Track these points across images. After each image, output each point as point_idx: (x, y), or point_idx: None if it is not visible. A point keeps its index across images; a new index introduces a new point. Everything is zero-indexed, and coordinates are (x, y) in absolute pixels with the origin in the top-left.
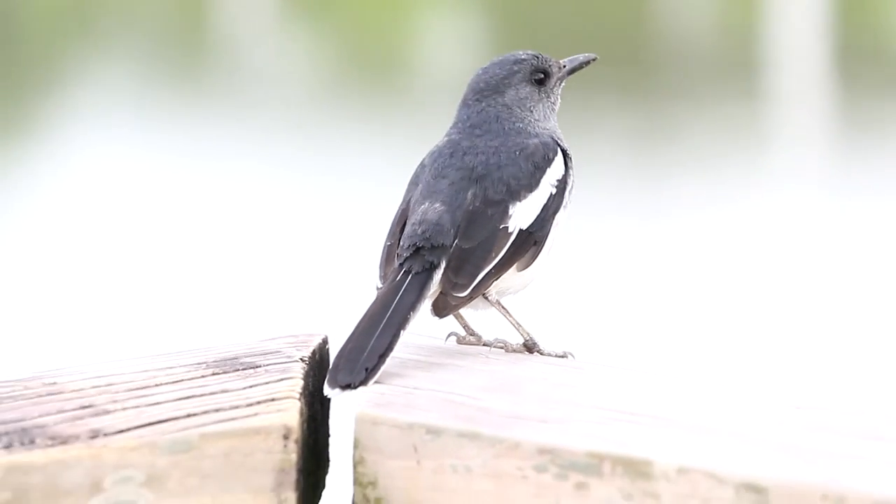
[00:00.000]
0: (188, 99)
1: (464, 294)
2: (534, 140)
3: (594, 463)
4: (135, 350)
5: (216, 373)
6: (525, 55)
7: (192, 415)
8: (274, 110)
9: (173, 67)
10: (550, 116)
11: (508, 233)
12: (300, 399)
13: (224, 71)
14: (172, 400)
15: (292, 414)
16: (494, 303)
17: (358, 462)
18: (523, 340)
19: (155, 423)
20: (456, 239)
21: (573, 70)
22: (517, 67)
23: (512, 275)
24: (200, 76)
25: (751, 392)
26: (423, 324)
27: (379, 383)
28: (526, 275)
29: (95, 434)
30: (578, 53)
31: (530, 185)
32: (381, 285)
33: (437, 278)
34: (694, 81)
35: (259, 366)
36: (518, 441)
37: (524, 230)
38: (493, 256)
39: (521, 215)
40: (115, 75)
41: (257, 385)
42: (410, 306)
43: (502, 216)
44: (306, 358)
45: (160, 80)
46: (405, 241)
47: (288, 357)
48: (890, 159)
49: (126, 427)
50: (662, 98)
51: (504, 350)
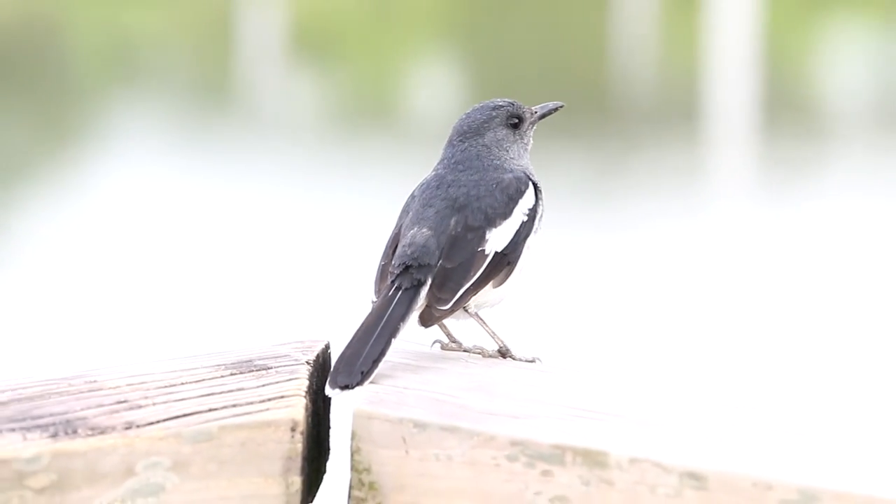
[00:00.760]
0: (212, 130)
1: (447, 307)
2: (508, 175)
3: (558, 453)
4: (163, 351)
5: (233, 373)
6: (502, 102)
7: (213, 409)
8: (283, 142)
9: (200, 104)
10: (524, 155)
11: (485, 255)
12: (306, 397)
13: (242, 108)
14: (196, 396)
15: (299, 409)
16: (473, 315)
17: (355, 451)
18: (498, 347)
19: (180, 417)
20: (440, 259)
21: (543, 115)
22: (495, 113)
23: (488, 291)
24: (223, 112)
25: (692, 391)
26: (412, 332)
27: (373, 384)
28: (501, 291)
29: (129, 426)
30: (548, 101)
31: (505, 214)
32: (376, 299)
33: (424, 293)
34: (644, 126)
35: (270, 367)
36: (493, 434)
37: (499, 252)
38: (472, 275)
39: (497, 240)
40: (152, 108)
41: (269, 384)
42: (401, 317)
43: (480, 240)
44: (311, 361)
45: (189, 114)
46: (396, 261)
47: (295, 360)
48: (802, 191)
49: (156, 420)
50: (618, 139)
51: (481, 355)
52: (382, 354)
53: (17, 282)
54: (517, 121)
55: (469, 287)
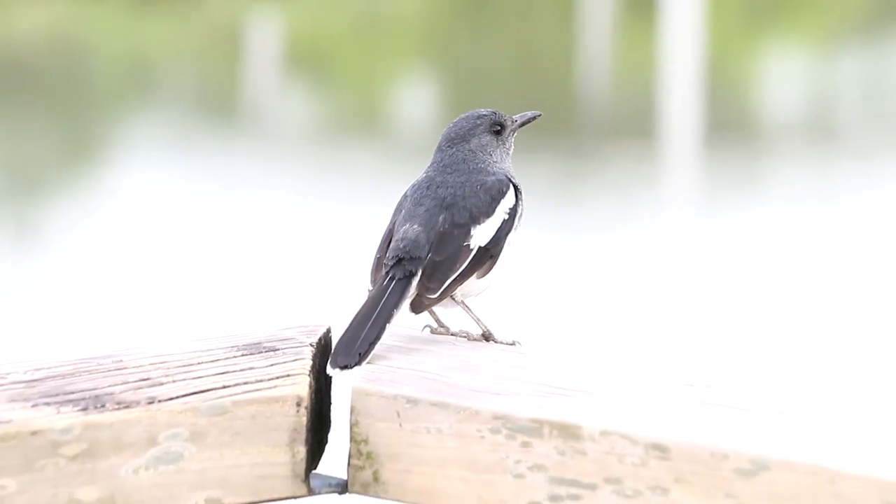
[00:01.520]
0: (218, 140)
1: (435, 296)
2: (492, 178)
3: (536, 427)
4: (182, 334)
5: (245, 354)
6: (486, 112)
7: (227, 386)
8: (282, 150)
9: (208, 116)
10: (506, 159)
11: (470, 249)
12: (309, 375)
13: (247, 121)
14: (211, 375)
15: (303, 387)
16: (460, 302)
17: (354, 424)
18: (482, 331)
19: (198, 393)
20: (429, 253)
21: (523, 123)
22: (480, 121)
23: (473, 281)
24: (228, 123)
25: (655, 372)
26: (404, 318)
27: (370, 364)
28: (484, 281)
29: (152, 400)
30: (525, 111)
31: (488, 212)
32: (372, 288)
33: (415, 283)
34: (606, 142)
35: (278, 349)
36: (477, 409)
37: (482, 247)
38: (458, 267)
39: (481, 235)
40: (164, 121)
41: (276, 364)
42: (394, 305)
43: (465, 236)
44: (314, 343)
45: (198, 125)
46: (390, 254)
47: (300, 343)
48: (743, 201)
49: (175, 395)
50: (585, 152)
51: (467, 339)
52: (378, 338)
53: (51, 276)
54: (500, 128)
55: (455, 278)
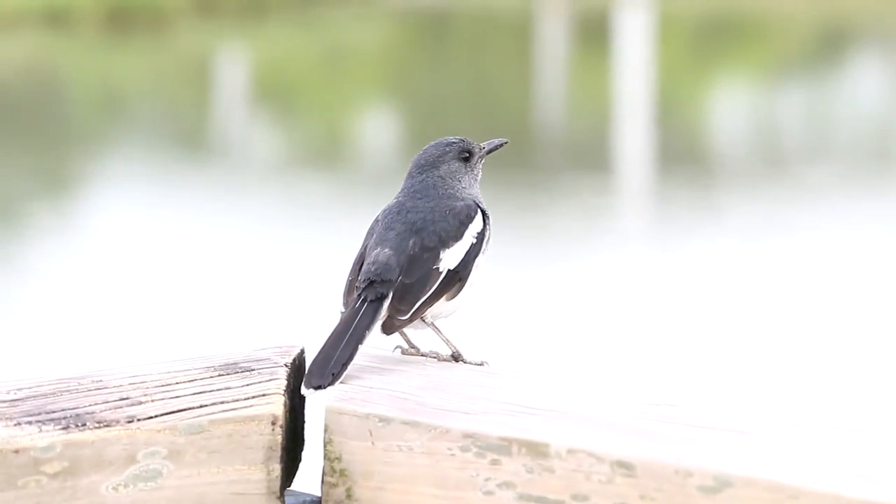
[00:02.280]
0: (189, 169)
1: (406, 317)
2: (460, 203)
3: (505, 445)
4: (160, 355)
5: (221, 374)
6: (455, 140)
7: (204, 405)
8: (250, 179)
9: (178, 147)
10: (474, 185)
11: (439, 272)
12: (284, 395)
13: (216, 151)
14: (189, 394)
15: (278, 406)
16: (430, 324)
17: (327, 442)
18: (451, 352)
19: (176, 412)
20: (400, 276)
21: (490, 150)
22: (448, 148)
23: (442, 303)
24: (199, 153)
25: (620, 392)
26: (376, 339)
27: (343, 384)
28: (453, 303)
29: (131, 419)
30: (492, 139)
31: (456, 237)
32: (344, 310)
33: (386, 305)
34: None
35: (253, 369)
36: (448, 428)
37: (451, 270)
38: (428, 289)
39: (450, 259)
40: (136, 151)
41: (252, 384)
42: (366, 326)
43: (435, 259)
44: (288, 364)
45: (168, 156)
46: (362, 277)
47: (275, 363)
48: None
49: (154, 414)
50: (540, 182)
51: (437, 359)
52: (350, 358)
53: (30, 301)
54: (468, 155)
55: (425, 300)
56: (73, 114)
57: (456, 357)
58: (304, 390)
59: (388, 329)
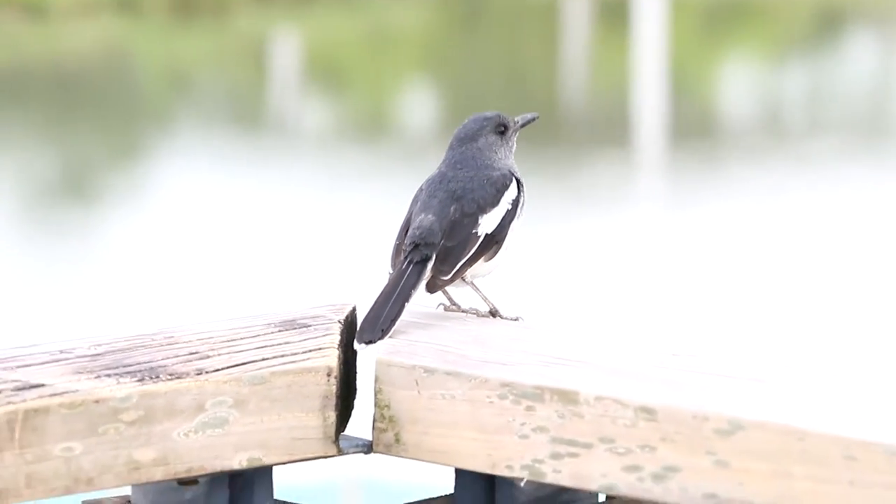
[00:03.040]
0: (247, 141)
1: (448, 277)
2: (497, 172)
3: (538, 393)
4: (225, 313)
5: (281, 330)
6: (491, 114)
7: (266, 359)
8: (302, 149)
9: (238, 121)
10: (509, 156)
11: (478, 236)
12: (338, 349)
13: (271, 125)
14: (252, 349)
15: (333, 359)
16: (469, 283)
17: (377, 391)
18: (489, 308)
19: (240, 365)
20: (442, 239)
21: (524, 124)
22: (486, 122)
23: (481, 264)
24: (255, 127)
25: (643, 344)
26: (421, 297)
27: (391, 338)
28: (491, 264)
29: (200, 372)
30: (525, 113)
31: (493, 203)
32: (392, 271)
33: (430, 266)
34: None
35: (310, 325)
36: (487, 377)
37: (489, 234)
38: (468, 252)
39: (487, 223)
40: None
41: (309, 339)
42: (412, 285)
43: (474, 224)
44: (342, 320)
45: (229, 129)
46: (408, 241)
47: (329, 320)
48: (705, 194)
49: (221, 367)
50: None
51: (476, 315)
52: (398, 315)
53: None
54: (504, 129)
55: (465, 261)
56: (144, 92)
57: (493, 313)
58: (357, 344)
59: (432, 288)
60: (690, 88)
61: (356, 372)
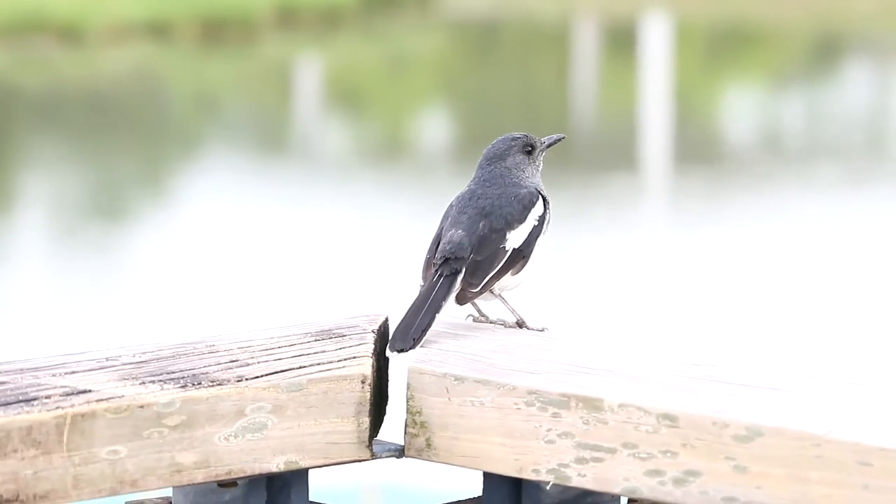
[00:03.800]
0: (272, 161)
1: (477, 290)
2: (524, 190)
3: (564, 400)
4: (264, 323)
5: (317, 339)
6: (519, 135)
7: (303, 367)
8: (325, 170)
9: (262, 142)
10: (536, 175)
11: (506, 250)
12: (372, 357)
13: (295, 146)
14: (290, 357)
15: (367, 367)
16: (497, 295)
17: (409, 398)
18: (516, 320)
19: (278, 372)
20: (472, 254)
21: (550, 145)
22: (514, 143)
23: (508, 277)
24: (280, 148)
25: (665, 353)
26: (451, 309)
27: (423, 348)
28: (518, 277)
29: (240, 378)
30: (551, 134)
31: (521, 219)
32: (423, 283)
33: (460, 279)
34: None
35: (345, 335)
36: (514, 385)
37: (516, 248)
38: (496, 265)
39: (514, 239)
40: (227, 146)
41: (344, 348)
42: (442, 297)
43: (502, 239)
44: (375, 330)
45: (254, 150)
46: (439, 254)
47: (364, 330)
48: (709, 215)
49: (260, 374)
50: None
51: (504, 326)
52: (429, 325)
53: (140, 276)
54: (531, 148)
55: (493, 275)
56: (173, 115)
57: (520, 324)
58: (389, 353)
59: (462, 300)
60: (694, 113)
61: (388, 379)
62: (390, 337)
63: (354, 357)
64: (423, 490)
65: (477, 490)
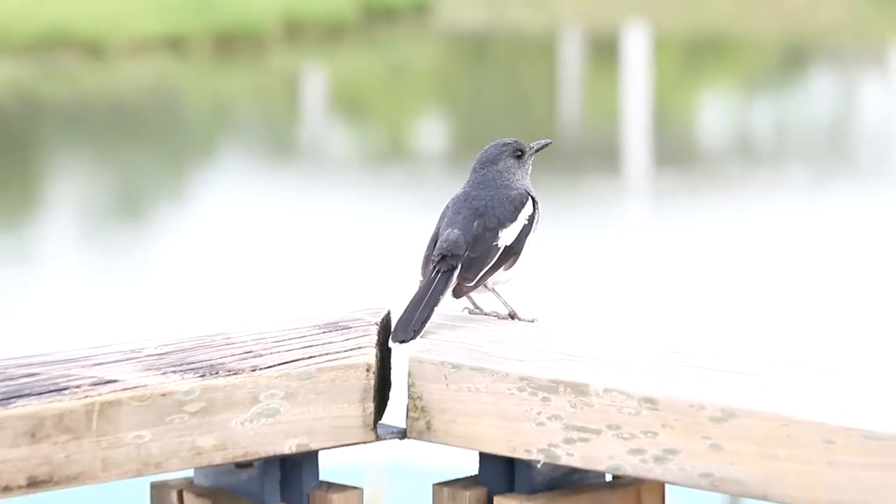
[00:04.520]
0: (281, 167)
1: (472, 284)
2: (515, 192)
3: (553, 385)
4: (275, 316)
5: (325, 331)
6: (510, 140)
7: (312, 357)
8: (330, 173)
9: (272, 149)
10: (526, 178)
11: (498, 248)
12: (376, 348)
13: (303, 152)
14: (300, 347)
15: (371, 357)
16: (491, 289)
17: (410, 385)
18: (508, 311)
19: (290, 362)
20: (467, 251)
21: (539, 149)
22: (505, 148)
23: (501, 273)
24: (289, 155)
25: (646, 342)
26: (448, 302)
27: (422, 338)
28: (510, 273)
29: (255, 368)
30: (539, 140)
31: (512, 219)
32: (422, 279)
33: (456, 274)
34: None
35: (350, 327)
36: (507, 372)
37: (508, 246)
38: (489, 262)
39: (507, 237)
40: (239, 153)
41: (350, 339)
42: (440, 291)
43: (495, 237)
44: (378, 322)
45: (264, 157)
46: (436, 252)
47: (368, 322)
48: (686, 213)
49: (273, 364)
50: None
51: (497, 317)
52: (428, 318)
53: (159, 276)
54: (521, 153)
55: (487, 270)
56: (189, 124)
57: (512, 315)
58: (392, 344)
59: (458, 294)
60: (672, 118)
61: (391, 368)
62: (392, 329)
63: (360, 347)
64: (424, 469)
65: (473, 469)
